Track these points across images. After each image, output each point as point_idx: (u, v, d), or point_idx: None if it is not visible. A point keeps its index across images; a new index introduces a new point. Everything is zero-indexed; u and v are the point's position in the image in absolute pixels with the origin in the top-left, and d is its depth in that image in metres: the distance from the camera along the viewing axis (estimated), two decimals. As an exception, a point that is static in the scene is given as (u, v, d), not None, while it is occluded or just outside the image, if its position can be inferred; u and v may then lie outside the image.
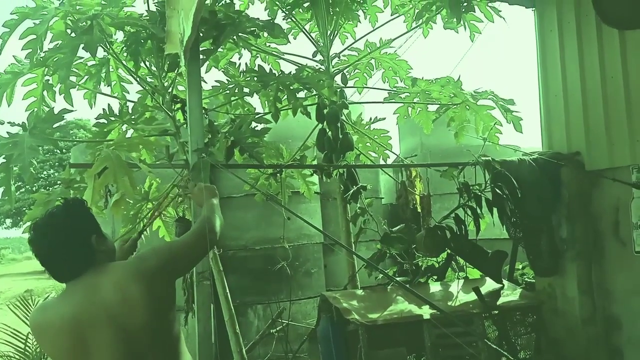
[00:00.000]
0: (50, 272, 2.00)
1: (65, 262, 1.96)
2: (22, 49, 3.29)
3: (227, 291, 4.30)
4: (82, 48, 3.34)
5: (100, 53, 3.71)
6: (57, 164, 28.98)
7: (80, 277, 1.95)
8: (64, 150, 26.88)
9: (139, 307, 1.91)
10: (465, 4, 4.53)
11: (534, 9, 4.52)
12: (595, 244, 4.10)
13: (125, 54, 3.79)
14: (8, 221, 33.91)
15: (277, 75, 4.23)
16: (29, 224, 3.57)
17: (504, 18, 4.74)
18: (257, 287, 6.76)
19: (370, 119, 5.19)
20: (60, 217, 2.00)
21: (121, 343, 1.89)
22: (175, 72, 3.85)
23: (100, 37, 3.33)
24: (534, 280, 4.69)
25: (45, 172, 29.31)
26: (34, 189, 23.64)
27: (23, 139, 3.01)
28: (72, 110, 3.44)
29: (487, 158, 4.20)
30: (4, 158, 3.00)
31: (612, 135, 3.96)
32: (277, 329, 5.59)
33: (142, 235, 4.32)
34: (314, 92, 4.54)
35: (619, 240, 3.94)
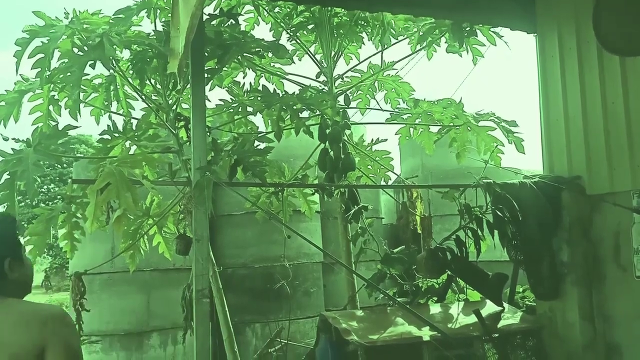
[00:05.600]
0: None
1: None
2: (31, 68, 3.33)
3: (226, 309, 4.29)
4: (90, 65, 3.38)
5: (107, 71, 3.76)
6: (57, 178, 28.93)
7: None
8: (64, 165, 26.89)
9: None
10: (467, 28, 4.60)
11: (535, 34, 4.57)
12: (595, 269, 4.08)
13: (131, 72, 3.83)
14: (6, 235, 33.74)
15: (280, 95, 4.27)
16: (28, 238, 3.60)
17: (506, 42, 4.81)
18: (256, 306, 6.72)
19: (372, 140, 5.22)
20: None
21: None
22: (181, 89, 3.89)
23: (112, 50, 3.36)
24: (534, 304, 4.66)
25: (45, 187, 29.27)
26: (34, 203, 23.56)
27: (27, 155, 3.03)
28: (76, 127, 3.48)
29: (488, 180, 4.21)
30: (8, 174, 3.02)
31: (613, 160, 3.97)
32: (276, 348, 5.54)
33: (142, 251, 4.33)
34: (317, 112, 4.58)
35: (620, 265, 3.92)
